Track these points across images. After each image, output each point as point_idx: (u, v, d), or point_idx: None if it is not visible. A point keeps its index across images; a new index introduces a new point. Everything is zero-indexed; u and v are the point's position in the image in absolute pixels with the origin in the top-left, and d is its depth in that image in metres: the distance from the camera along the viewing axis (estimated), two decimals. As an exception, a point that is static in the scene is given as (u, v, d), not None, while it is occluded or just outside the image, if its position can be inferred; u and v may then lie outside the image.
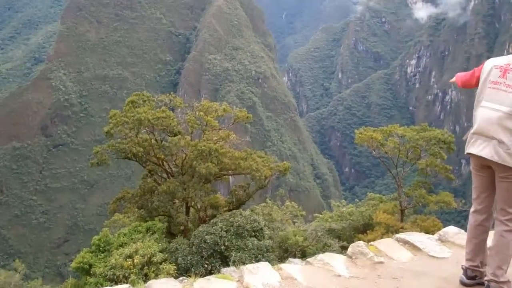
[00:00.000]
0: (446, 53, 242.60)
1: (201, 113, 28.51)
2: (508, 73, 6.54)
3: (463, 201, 33.79)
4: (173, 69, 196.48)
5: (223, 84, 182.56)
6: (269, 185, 30.85)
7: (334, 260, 7.31)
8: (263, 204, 36.32)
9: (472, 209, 7.05)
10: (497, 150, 6.43)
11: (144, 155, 27.95)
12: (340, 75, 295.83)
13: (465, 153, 6.96)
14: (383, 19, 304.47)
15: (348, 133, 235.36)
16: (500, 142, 6.42)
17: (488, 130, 6.54)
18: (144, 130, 27.66)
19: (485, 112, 6.64)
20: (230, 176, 33.09)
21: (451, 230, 8.47)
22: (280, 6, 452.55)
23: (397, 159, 32.57)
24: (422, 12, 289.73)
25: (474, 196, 7.04)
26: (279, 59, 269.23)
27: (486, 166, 6.72)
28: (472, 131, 6.82)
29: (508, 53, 7.14)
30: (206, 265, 21.28)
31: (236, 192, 29.98)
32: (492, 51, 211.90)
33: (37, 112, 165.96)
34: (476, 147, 6.72)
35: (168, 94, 30.41)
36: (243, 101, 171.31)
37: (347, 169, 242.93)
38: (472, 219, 7.03)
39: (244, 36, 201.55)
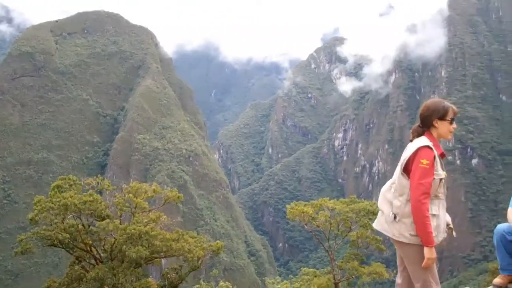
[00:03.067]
0: (371, 125, 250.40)
1: (130, 195, 28.11)
2: (405, 151, 7.02)
3: (395, 271, 34.13)
4: (100, 151, 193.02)
5: (153, 164, 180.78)
6: (203, 266, 30.24)
7: None
8: (197, 286, 35.58)
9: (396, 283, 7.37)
10: (380, 220, 7.05)
11: (71, 242, 27.03)
12: (270, 151, 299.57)
13: None
14: (309, 95, 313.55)
15: (280, 208, 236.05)
16: (382, 212, 7.00)
17: (379, 202, 7.15)
18: (71, 216, 26.90)
19: None
20: (162, 259, 32.36)
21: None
22: (209, 84, 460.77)
23: (329, 232, 32.83)
24: (346, 86, 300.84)
25: (398, 270, 7.38)
26: (210, 136, 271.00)
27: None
28: None
29: None
30: None
31: (169, 275, 29.26)
32: (413, 122, 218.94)
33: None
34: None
35: (95, 177, 29.91)
36: (174, 180, 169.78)
37: (281, 245, 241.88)
38: None
39: (173, 115, 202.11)
